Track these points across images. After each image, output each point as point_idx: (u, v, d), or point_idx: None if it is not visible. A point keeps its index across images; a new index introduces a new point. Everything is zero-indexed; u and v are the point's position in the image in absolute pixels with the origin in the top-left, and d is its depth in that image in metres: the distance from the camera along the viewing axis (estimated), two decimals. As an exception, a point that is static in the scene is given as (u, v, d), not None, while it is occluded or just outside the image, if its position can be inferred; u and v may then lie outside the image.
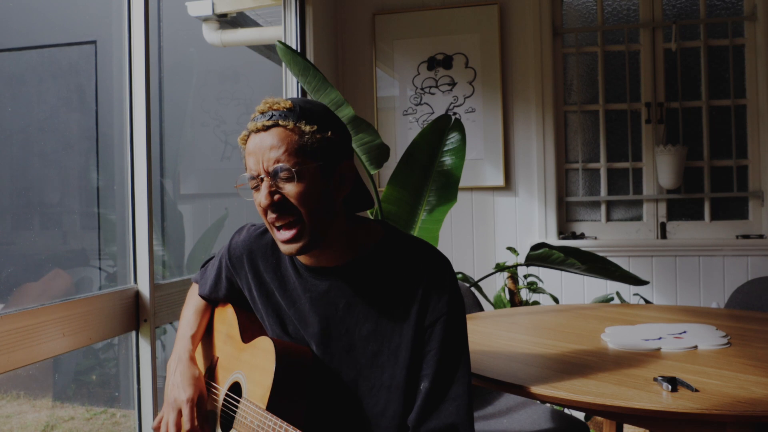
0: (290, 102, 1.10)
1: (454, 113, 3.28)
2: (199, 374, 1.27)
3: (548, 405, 1.96)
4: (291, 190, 1.07)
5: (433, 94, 3.31)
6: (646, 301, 2.91)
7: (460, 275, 2.79)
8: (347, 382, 1.16)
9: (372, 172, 2.43)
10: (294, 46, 2.98)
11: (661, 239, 3.14)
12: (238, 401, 1.20)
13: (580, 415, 2.67)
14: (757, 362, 1.43)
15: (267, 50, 3.74)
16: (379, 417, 1.15)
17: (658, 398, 1.20)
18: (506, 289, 2.95)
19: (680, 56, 3.18)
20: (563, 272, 2.90)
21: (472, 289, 2.47)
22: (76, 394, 3.17)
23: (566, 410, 2.32)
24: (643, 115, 3.19)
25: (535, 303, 2.87)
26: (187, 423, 1.20)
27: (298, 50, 2.99)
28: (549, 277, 3.10)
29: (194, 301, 1.40)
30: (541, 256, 2.45)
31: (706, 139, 3.15)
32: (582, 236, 3.22)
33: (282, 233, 1.10)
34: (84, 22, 3.02)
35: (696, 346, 1.56)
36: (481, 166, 3.25)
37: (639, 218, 3.22)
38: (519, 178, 3.24)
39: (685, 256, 3.07)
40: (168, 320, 1.98)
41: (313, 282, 1.18)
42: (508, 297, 2.92)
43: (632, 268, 3.10)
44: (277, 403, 1.11)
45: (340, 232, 1.15)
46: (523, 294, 2.98)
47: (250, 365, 1.20)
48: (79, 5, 3.06)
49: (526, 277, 2.93)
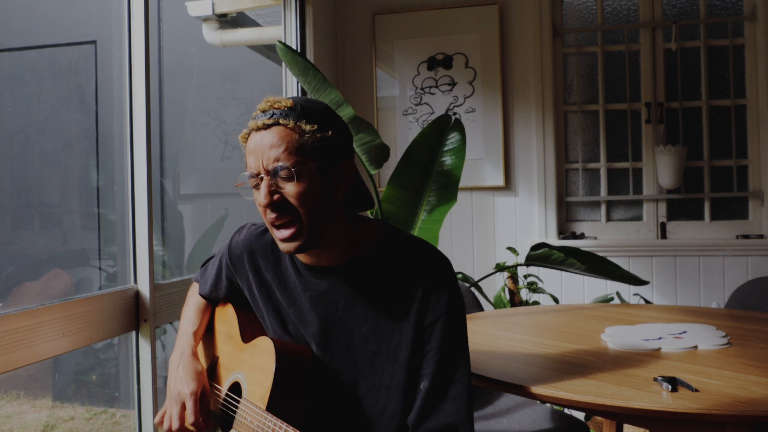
0: (291, 101, 1.10)
1: (454, 113, 3.27)
2: (202, 369, 1.27)
3: (548, 405, 1.96)
4: (290, 189, 1.07)
5: (433, 94, 3.31)
6: (646, 301, 2.91)
7: (460, 275, 2.79)
8: (347, 382, 1.16)
9: (372, 172, 2.43)
10: (294, 46, 2.98)
11: (661, 239, 3.14)
12: (237, 401, 1.19)
13: (580, 415, 2.67)
14: (757, 362, 1.43)
15: (267, 50, 3.74)
16: (378, 416, 1.15)
17: (658, 398, 1.20)
18: (506, 289, 2.95)
19: (680, 56, 3.17)
20: (563, 272, 2.90)
21: (472, 289, 2.47)
22: (76, 394, 3.17)
23: (566, 410, 2.32)
24: (643, 115, 3.19)
25: (535, 303, 2.87)
26: (191, 416, 1.19)
27: (298, 50, 2.99)
28: (549, 277, 3.10)
29: (195, 300, 1.40)
30: (541, 256, 2.45)
31: (706, 139, 3.15)
32: (582, 236, 3.22)
33: (280, 231, 1.10)
34: (84, 22, 3.02)
35: (696, 346, 1.56)
36: (481, 166, 3.25)
37: (639, 218, 3.22)
38: (519, 178, 3.24)
39: (685, 256, 3.07)
40: (168, 320, 1.98)
41: (313, 281, 1.18)
42: (508, 297, 2.92)
43: (632, 268, 3.10)
44: (277, 403, 1.11)
45: (340, 231, 1.15)
46: (523, 294, 2.98)
47: (250, 365, 1.20)
48: (79, 5, 3.06)
49: (526, 277, 2.93)
